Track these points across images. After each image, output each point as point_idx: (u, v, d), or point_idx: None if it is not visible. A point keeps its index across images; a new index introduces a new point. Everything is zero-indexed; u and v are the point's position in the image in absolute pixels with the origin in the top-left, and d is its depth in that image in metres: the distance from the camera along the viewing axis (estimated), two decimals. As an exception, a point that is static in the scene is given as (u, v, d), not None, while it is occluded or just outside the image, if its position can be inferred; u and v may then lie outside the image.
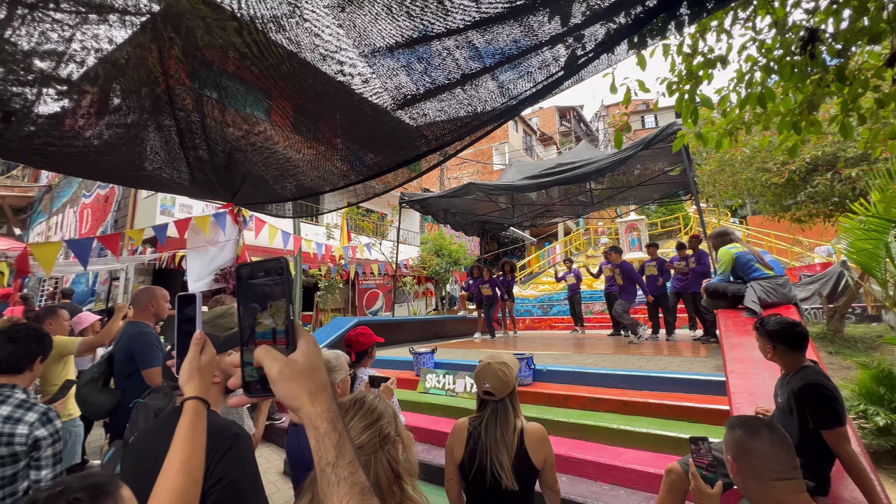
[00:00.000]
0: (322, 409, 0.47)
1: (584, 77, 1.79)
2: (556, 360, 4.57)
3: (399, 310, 13.93)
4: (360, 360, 2.29)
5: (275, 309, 0.51)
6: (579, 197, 8.99)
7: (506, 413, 1.58)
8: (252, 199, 4.38)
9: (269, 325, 0.51)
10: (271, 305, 0.51)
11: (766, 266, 3.47)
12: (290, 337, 0.50)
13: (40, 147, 2.42)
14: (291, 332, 0.50)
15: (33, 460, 1.44)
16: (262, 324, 0.51)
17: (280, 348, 0.50)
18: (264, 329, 0.51)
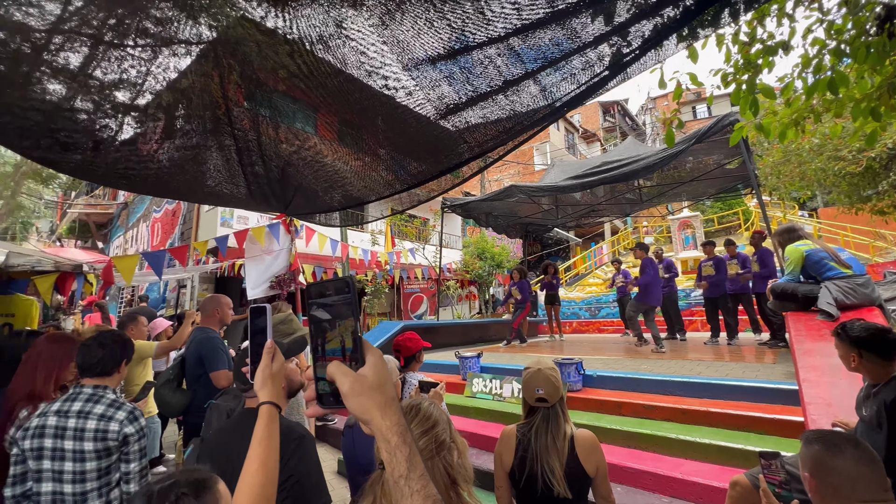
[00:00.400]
0: (392, 422, 0.50)
1: (631, 75, 1.74)
2: (607, 365, 4.41)
3: (443, 313, 14.03)
4: (408, 365, 2.34)
5: (343, 327, 0.54)
6: (627, 195, 8.65)
7: (557, 419, 1.56)
8: (303, 210, 4.61)
9: (338, 341, 0.54)
10: (340, 323, 0.54)
11: (842, 264, 3.15)
12: (358, 352, 0.53)
13: (122, 171, 2.69)
14: (360, 347, 0.53)
15: (123, 454, 1.60)
16: (333, 340, 0.54)
17: (349, 363, 0.53)
18: (334, 346, 0.54)
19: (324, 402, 0.54)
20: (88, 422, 1.54)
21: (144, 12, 1.87)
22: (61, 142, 2.21)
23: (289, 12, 1.80)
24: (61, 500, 1.49)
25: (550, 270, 7.59)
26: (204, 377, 2.81)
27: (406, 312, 13.11)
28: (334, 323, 0.55)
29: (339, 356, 0.54)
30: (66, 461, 1.50)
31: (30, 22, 1.66)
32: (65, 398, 1.59)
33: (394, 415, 0.50)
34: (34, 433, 1.52)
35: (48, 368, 1.81)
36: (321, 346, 0.55)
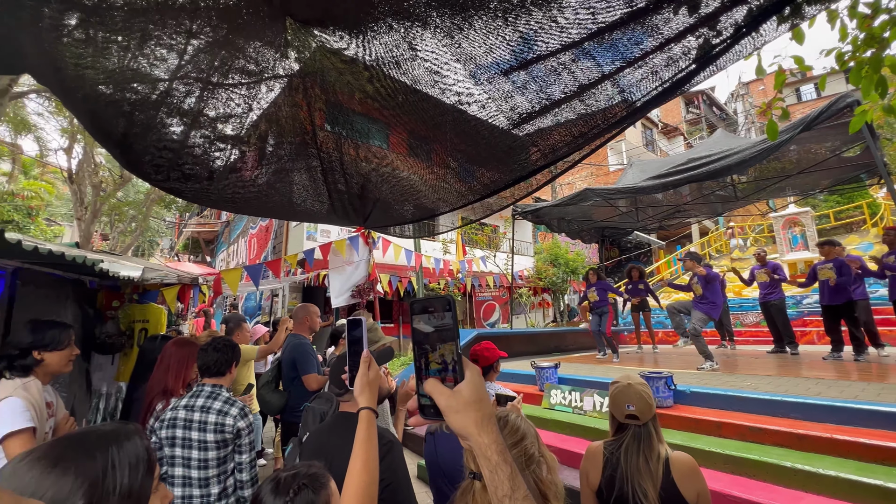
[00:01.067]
0: (490, 439, 0.51)
1: (723, 67, 1.60)
2: (702, 380, 4.02)
3: (516, 322, 13.82)
4: (485, 375, 2.34)
5: (445, 347, 0.57)
6: (718, 192, 7.83)
7: (649, 439, 1.46)
8: (380, 223, 4.86)
9: (439, 357, 0.57)
10: (441, 339, 0.57)
11: None
12: (458, 370, 0.56)
13: (230, 196, 3.05)
14: (459, 365, 0.56)
15: (236, 446, 1.80)
16: (434, 356, 0.57)
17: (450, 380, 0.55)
18: (436, 367, 0.57)
19: (425, 413, 0.57)
20: (209, 415, 1.76)
21: (243, 53, 2.13)
22: (185, 173, 2.58)
23: (367, 41, 1.93)
24: (189, 483, 1.72)
25: (635, 274, 7.09)
26: (297, 380, 3.07)
27: (478, 321, 13.13)
28: (436, 338, 0.57)
29: (440, 371, 0.56)
30: (193, 449, 1.72)
31: (157, 73, 1.98)
32: (190, 395, 1.84)
33: (492, 432, 0.51)
34: (168, 424, 1.78)
35: (177, 368, 2.10)
36: (423, 362, 0.58)
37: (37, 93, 8.97)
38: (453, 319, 0.57)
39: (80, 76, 1.62)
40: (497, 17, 1.54)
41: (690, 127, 27.68)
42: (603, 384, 3.99)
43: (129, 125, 2.03)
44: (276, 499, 0.84)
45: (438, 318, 0.58)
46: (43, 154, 15.39)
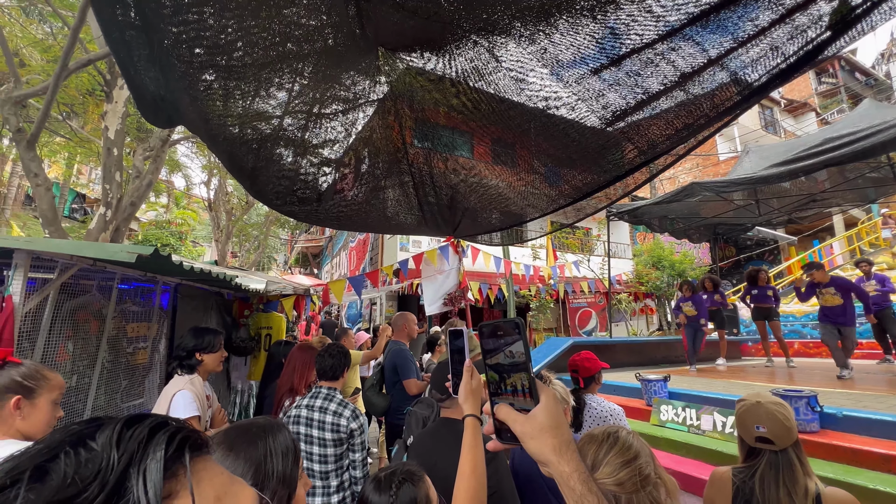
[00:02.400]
0: (571, 467, 0.49)
1: (866, 31, 1.35)
2: (858, 402, 3.35)
3: (617, 330, 12.92)
4: (587, 387, 2.24)
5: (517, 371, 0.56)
6: (868, 174, 6.47)
7: (791, 469, 1.26)
8: (468, 232, 4.95)
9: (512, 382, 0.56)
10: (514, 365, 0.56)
11: None
12: (532, 393, 0.54)
13: (335, 214, 3.38)
14: (533, 388, 0.55)
15: (350, 445, 1.97)
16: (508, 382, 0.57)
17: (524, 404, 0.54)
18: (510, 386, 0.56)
19: (502, 438, 0.56)
20: (326, 416, 1.95)
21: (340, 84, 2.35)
22: (299, 197, 2.93)
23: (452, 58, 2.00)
24: (311, 475, 1.92)
25: (761, 278, 6.22)
26: (398, 384, 3.25)
27: (573, 328, 12.56)
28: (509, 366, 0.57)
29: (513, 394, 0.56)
30: (314, 445, 1.92)
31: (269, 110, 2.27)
32: (310, 395, 2.06)
33: (572, 460, 0.50)
34: (293, 421, 2.01)
35: (301, 370, 2.37)
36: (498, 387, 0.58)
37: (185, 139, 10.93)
38: (524, 341, 0.55)
39: (221, 124, 1.94)
40: (584, 15, 1.49)
41: (824, 100, 23.45)
42: (724, 401, 3.54)
43: (257, 160, 2.37)
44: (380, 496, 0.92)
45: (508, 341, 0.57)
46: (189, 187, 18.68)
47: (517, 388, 0.56)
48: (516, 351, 0.56)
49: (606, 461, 0.83)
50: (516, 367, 0.56)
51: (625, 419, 2.09)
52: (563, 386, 1.90)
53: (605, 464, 0.83)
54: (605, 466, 0.83)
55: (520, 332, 0.56)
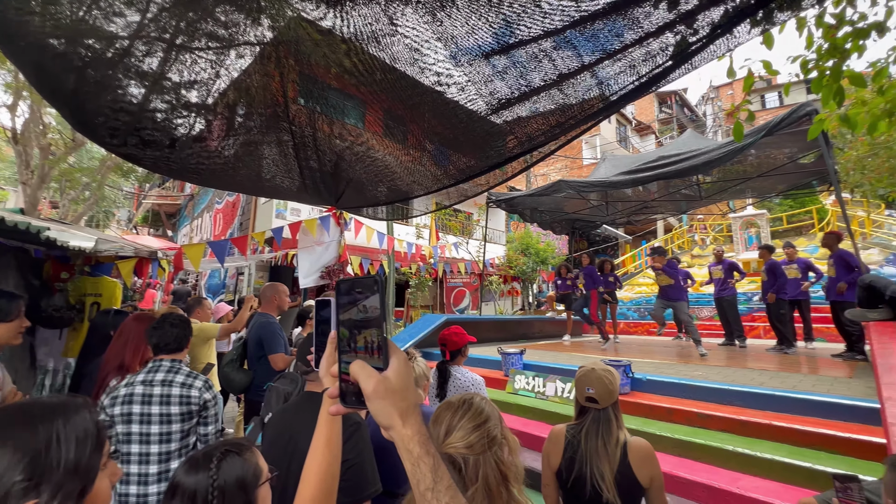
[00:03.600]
0: (413, 430, 0.48)
1: (697, 65, 1.64)
2: (658, 369, 4.23)
3: (485, 308, 14.01)
4: (454, 359, 2.37)
5: (370, 327, 0.53)
6: (683, 190, 8.14)
7: (608, 424, 1.52)
8: (352, 204, 4.77)
9: (363, 340, 0.53)
10: (367, 321, 0.53)
11: None
12: (383, 354, 0.52)
13: (194, 166, 2.90)
14: (385, 347, 0.52)
15: (202, 418, 1.77)
16: (359, 339, 0.53)
17: (373, 362, 0.52)
18: (360, 344, 0.53)
19: (346, 401, 0.54)
20: (173, 388, 1.71)
21: (211, 16, 2.00)
22: (144, 139, 2.43)
23: (345, 12, 1.85)
24: (147, 460, 1.66)
25: (607, 267, 7.34)
26: (263, 359, 3.00)
27: (448, 306, 13.23)
28: (361, 320, 0.54)
29: (363, 352, 0.53)
30: (153, 424, 1.67)
31: (115, 30, 1.83)
32: (148, 370, 1.77)
33: (415, 423, 0.49)
34: (123, 400, 1.70)
35: (136, 344, 2.01)
36: (348, 344, 0.54)
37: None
38: (380, 297, 0.53)
39: (22, 22, 1.47)
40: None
41: (662, 126, 28.45)
42: (565, 371, 4.12)
43: (81, 82, 1.88)
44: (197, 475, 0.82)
45: (365, 298, 0.54)
46: (-17, 111, 14.10)
47: (367, 345, 0.53)
48: (370, 305, 0.53)
49: (460, 426, 0.88)
50: (368, 323, 0.53)
51: (484, 388, 2.27)
52: (424, 363, 1.97)
53: (459, 428, 0.88)
54: (457, 431, 0.87)
55: (378, 288, 0.54)
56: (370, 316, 0.53)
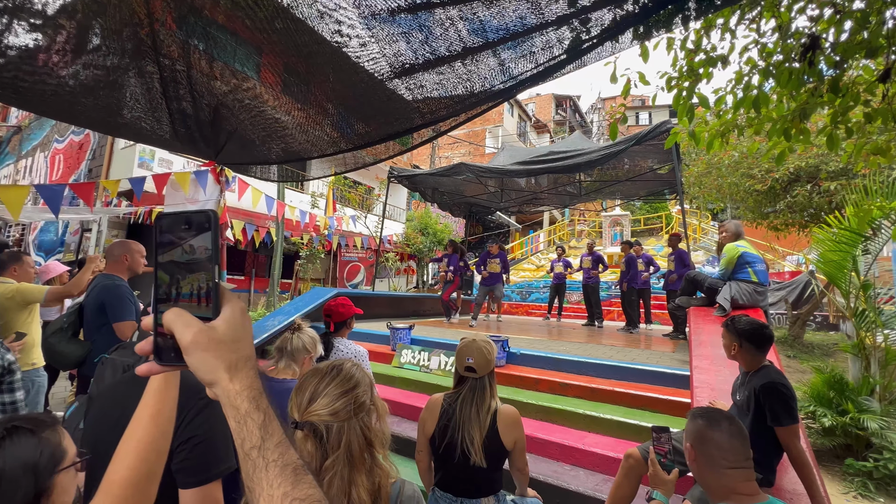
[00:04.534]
0: (242, 385, 0.42)
1: (587, 63, 1.76)
2: (531, 344, 4.66)
3: (380, 285, 13.92)
4: (338, 330, 2.28)
5: (197, 271, 0.45)
6: (567, 187, 9.02)
7: (483, 392, 1.61)
8: (236, 160, 4.24)
9: (190, 286, 0.44)
10: (194, 264, 0.45)
11: (755, 273, 3.56)
12: (213, 302, 0.44)
13: (10, 81, 2.27)
14: (215, 295, 0.44)
15: (6, 384, 1.44)
16: (183, 284, 0.45)
17: (200, 311, 0.44)
18: (185, 290, 0.45)
19: (161, 357, 0.45)
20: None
21: None
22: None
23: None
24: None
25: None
26: (106, 328, 2.54)
27: (341, 280, 12.83)
28: (187, 264, 0.45)
29: (188, 300, 0.44)
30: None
31: None
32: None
33: (245, 377, 0.43)
34: None
35: None
36: (167, 290, 0.45)
37: None
38: (213, 236, 0.44)
39: None
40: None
41: (557, 127, 30.96)
42: (450, 345, 4.30)
43: None
44: None
45: (193, 237, 0.45)
46: None
47: (194, 292, 0.44)
48: (199, 246, 0.44)
49: (325, 392, 0.83)
50: (196, 266, 0.44)
51: (367, 360, 2.25)
52: (312, 334, 1.87)
53: (324, 395, 0.83)
54: (322, 398, 0.83)
55: (210, 225, 0.44)
56: (198, 258, 0.44)
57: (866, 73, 1.88)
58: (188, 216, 0.45)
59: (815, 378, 4.00)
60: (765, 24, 1.97)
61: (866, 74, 1.88)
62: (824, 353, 6.11)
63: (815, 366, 4.50)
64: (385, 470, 0.85)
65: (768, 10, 1.93)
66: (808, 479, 1.68)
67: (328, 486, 0.76)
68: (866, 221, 3.73)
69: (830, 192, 5.78)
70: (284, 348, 1.72)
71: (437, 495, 1.60)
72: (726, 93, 2.09)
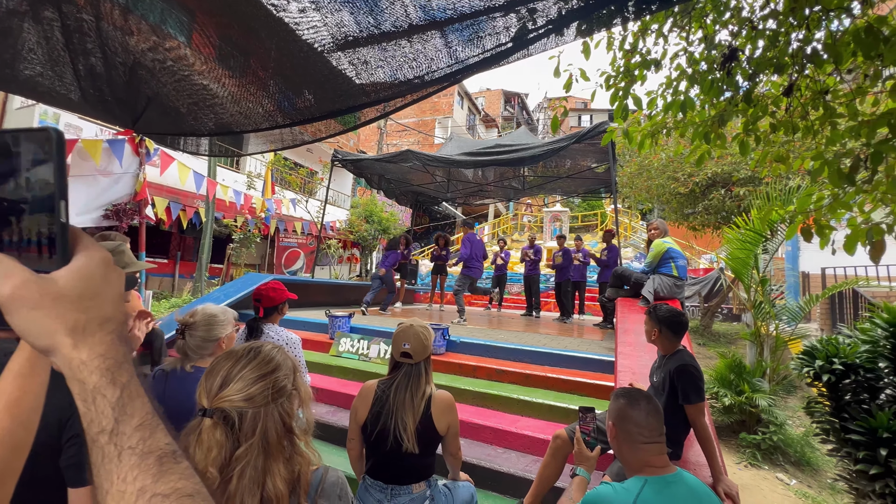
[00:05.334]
0: (92, 353, 0.34)
1: (532, 53, 1.78)
2: (471, 332, 4.74)
3: (321, 273, 13.46)
4: (268, 316, 2.15)
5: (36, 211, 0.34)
6: (512, 182, 9.26)
7: (418, 377, 1.59)
8: (158, 129, 3.85)
9: (27, 231, 0.34)
10: (28, 202, 0.34)
11: (676, 268, 3.89)
12: (60, 250, 0.34)
13: None
14: (61, 241, 0.34)
15: None
16: (16, 229, 0.34)
17: (42, 264, 0.34)
18: (20, 238, 0.34)
19: None
20: None
21: None
22: None
23: None
24: None
25: (441, 242, 7.79)
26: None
27: (279, 267, 12.22)
28: (20, 203, 0.34)
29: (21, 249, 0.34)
30: None
31: None
32: None
33: (99, 344, 0.34)
34: None
35: None
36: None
37: None
38: (57, 165, 0.34)
39: None
40: None
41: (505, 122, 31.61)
42: (390, 333, 4.25)
43: None
44: None
45: (28, 166, 0.34)
46: None
47: (33, 239, 0.34)
48: (38, 179, 0.34)
49: (240, 376, 0.77)
50: (36, 206, 0.34)
51: (299, 348, 2.14)
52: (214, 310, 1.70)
53: (238, 379, 0.76)
54: (236, 382, 0.76)
55: (53, 150, 0.34)
56: (36, 195, 0.34)
57: (773, 88, 2.09)
58: (18, 136, 0.34)
59: (719, 363, 4.47)
60: (693, 35, 2.11)
61: (773, 89, 2.08)
62: (728, 341, 6.86)
63: (720, 352, 5.03)
64: (306, 457, 0.80)
65: (696, 20, 2.07)
66: (710, 452, 1.87)
67: (239, 477, 0.70)
68: (766, 223, 4.20)
69: (740, 197, 6.45)
70: (185, 353, 1.52)
71: (367, 483, 1.57)
72: (657, 95, 2.23)
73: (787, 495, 3.16)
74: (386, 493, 1.52)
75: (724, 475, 1.83)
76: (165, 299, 7.46)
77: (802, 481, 3.40)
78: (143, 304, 4.97)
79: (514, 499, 2.41)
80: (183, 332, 1.58)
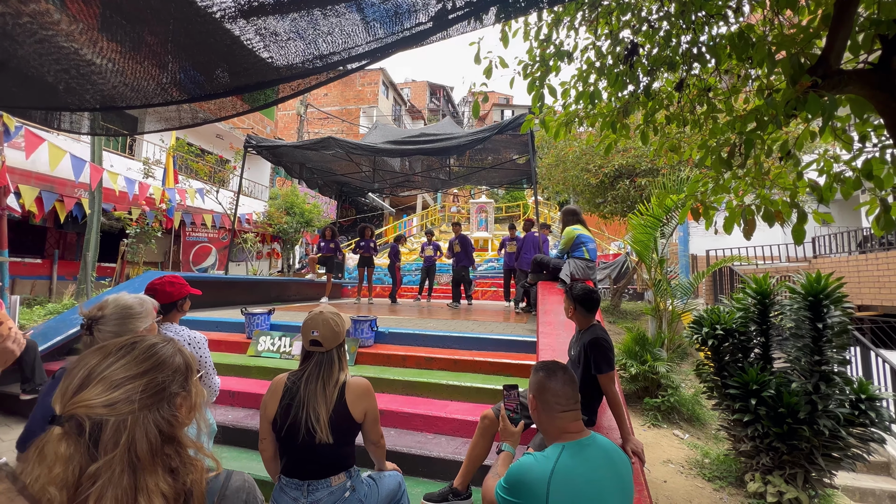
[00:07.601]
0: None
1: (451, 35, 1.76)
2: (399, 323, 4.70)
3: (236, 269, 12.46)
4: (166, 314, 1.91)
5: None
6: (439, 175, 9.31)
7: (331, 365, 1.51)
8: (18, 102, 3.23)
9: None
10: None
11: (587, 251, 4.19)
12: None
13: None
14: None
15: None
16: None
17: None
18: None
19: None
20: None
21: None
22: None
23: None
24: None
25: (367, 234, 7.57)
26: None
27: (186, 264, 11.07)
28: None
29: None
30: None
31: None
32: None
33: None
34: None
35: None
36: None
37: None
38: None
39: None
40: None
41: (431, 115, 31.64)
42: (315, 329, 4.06)
43: None
44: None
45: None
46: None
47: None
48: None
49: (104, 375, 0.64)
50: None
51: (205, 348, 1.93)
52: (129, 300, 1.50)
53: (101, 379, 0.63)
54: (97, 383, 0.63)
55: None
56: None
57: (668, 84, 2.30)
58: None
59: (627, 337, 4.93)
60: (601, 30, 2.25)
61: (668, 85, 2.30)
62: (634, 317, 7.60)
63: (627, 327, 5.55)
64: (199, 465, 0.69)
65: (603, 16, 2.20)
66: (619, 416, 2.04)
67: (97, 499, 0.58)
68: (663, 209, 4.69)
69: (642, 187, 7.14)
70: None
71: (282, 483, 1.47)
72: (570, 87, 2.34)
73: (681, 448, 3.60)
74: (302, 489, 1.43)
75: (631, 436, 2.02)
76: (40, 305, 6.36)
77: (693, 435, 3.89)
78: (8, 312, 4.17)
79: (446, 482, 2.44)
80: (90, 328, 1.36)
